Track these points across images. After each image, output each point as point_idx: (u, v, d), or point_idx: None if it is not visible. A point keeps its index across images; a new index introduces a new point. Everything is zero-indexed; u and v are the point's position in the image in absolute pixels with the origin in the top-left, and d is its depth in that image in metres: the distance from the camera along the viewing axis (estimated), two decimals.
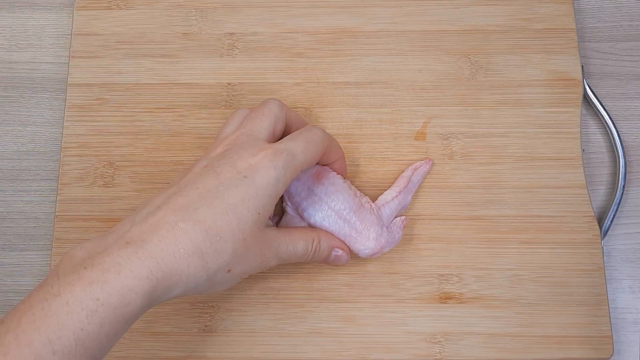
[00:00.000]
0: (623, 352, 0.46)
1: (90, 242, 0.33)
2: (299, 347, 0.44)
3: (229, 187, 0.35)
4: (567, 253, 0.45)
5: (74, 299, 0.30)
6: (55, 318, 0.29)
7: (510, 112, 0.48)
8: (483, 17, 0.50)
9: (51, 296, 0.30)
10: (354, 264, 0.45)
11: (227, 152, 0.37)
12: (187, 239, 0.33)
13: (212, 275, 0.34)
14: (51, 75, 0.52)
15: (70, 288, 0.30)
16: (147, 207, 0.35)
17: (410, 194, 0.46)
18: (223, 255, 0.34)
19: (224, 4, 0.51)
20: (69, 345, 0.29)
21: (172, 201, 0.34)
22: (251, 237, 0.35)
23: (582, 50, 0.52)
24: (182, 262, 0.32)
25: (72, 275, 0.31)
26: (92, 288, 0.30)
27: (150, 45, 0.50)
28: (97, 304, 0.30)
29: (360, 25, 0.50)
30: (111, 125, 0.49)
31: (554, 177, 0.47)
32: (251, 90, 0.49)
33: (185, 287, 0.33)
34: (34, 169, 0.50)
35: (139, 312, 0.32)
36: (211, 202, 0.34)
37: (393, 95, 0.49)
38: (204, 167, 0.37)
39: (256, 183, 0.35)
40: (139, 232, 0.33)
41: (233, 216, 0.34)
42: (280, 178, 0.36)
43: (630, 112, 0.51)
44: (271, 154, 0.36)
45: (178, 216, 0.33)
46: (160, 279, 0.32)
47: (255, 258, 0.37)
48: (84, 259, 0.32)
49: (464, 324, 0.44)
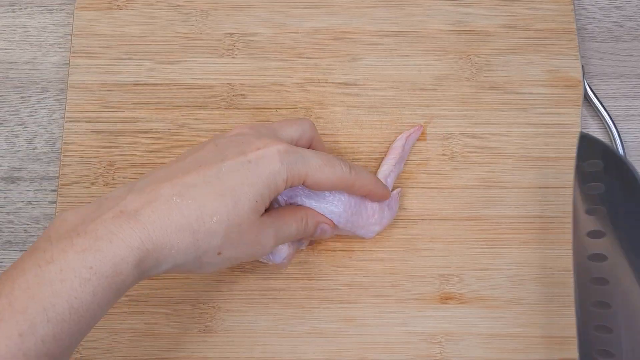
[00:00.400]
0: None
1: (85, 207, 0.33)
2: (299, 348, 0.44)
3: (231, 170, 0.35)
4: (568, 253, 0.45)
5: (68, 267, 0.30)
6: (50, 286, 0.29)
7: (510, 112, 0.48)
8: (483, 17, 0.50)
9: (44, 262, 0.30)
10: (354, 264, 0.45)
11: (241, 137, 0.37)
12: (180, 214, 0.33)
13: (202, 254, 0.34)
14: (51, 75, 0.52)
15: (64, 255, 0.30)
16: (148, 177, 0.35)
17: (402, 163, 0.46)
18: (215, 237, 0.34)
19: (224, 4, 0.51)
20: (62, 313, 0.29)
21: (173, 176, 0.34)
22: (246, 224, 0.35)
23: (583, 50, 0.51)
24: (172, 236, 0.32)
25: (65, 241, 0.30)
26: (85, 256, 0.30)
27: (151, 46, 0.50)
28: (90, 273, 0.30)
29: (360, 26, 0.50)
30: (111, 125, 0.49)
31: (555, 178, 0.47)
32: (251, 91, 0.49)
33: (175, 262, 0.33)
34: (34, 169, 0.50)
35: (130, 283, 0.32)
36: (210, 182, 0.34)
37: (393, 95, 0.49)
38: (214, 147, 0.36)
39: (258, 170, 0.35)
40: (134, 202, 0.33)
41: (230, 199, 0.34)
42: (284, 173, 0.36)
43: (631, 112, 0.50)
44: (283, 149, 0.36)
45: (175, 190, 0.33)
46: (150, 251, 0.32)
47: (248, 245, 0.36)
48: (76, 224, 0.32)
49: (465, 325, 0.44)
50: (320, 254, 0.45)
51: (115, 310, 0.44)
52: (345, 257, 0.45)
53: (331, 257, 0.45)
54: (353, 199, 0.41)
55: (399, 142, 0.46)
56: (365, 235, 0.43)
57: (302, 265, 0.45)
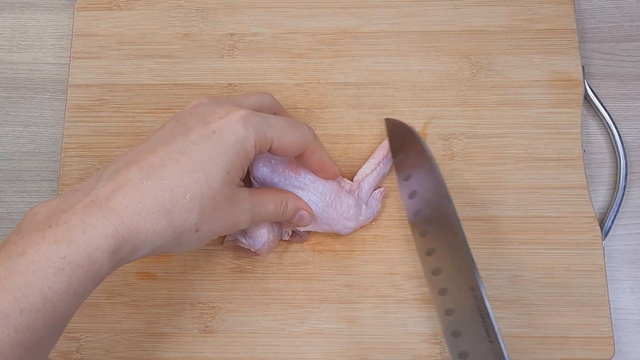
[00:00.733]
0: (624, 353, 0.45)
1: (56, 199, 0.33)
2: (299, 348, 0.44)
3: (196, 143, 0.34)
4: (568, 254, 0.45)
5: (40, 258, 0.29)
6: (21, 277, 0.29)
7: (511, 112, 0.48)
8: (484, 17, 0.50)
9: (16, 255, 0.29)
10: (354, 265, 0.45)
11: (202, 107, 0.37)
12: (151, 196, 0.32)
13: (180, 234, 0.34)
14: (52, 76, 0.52)
15: (36, 247, 0.30)
16: (115, 164, 0.34)
17: (389, 163, 0.46)
18: (191, 214, 0.33)
19: (224, 4, 0.51)
20: (36, 303, 0.29)
21: (139, 158, 0.34)
22: (220, 196, 0.34)
23: (583, 50, 0.51)
24: (146, 220, 0.32)
25: (37, 234, 0.30)
26: (58, 246, 0.30)
27: (151, 46, 0.50)
28: (63, 262, 0.30)
29: (360, 26, 0.50)
30: (112, 125, 0.49)
31: (555, 178, 0.47)
32: (252, 91, 0.49)
33: (152, 245, 0.33)
34: (35, 169, 0.50)
35: (107, 271, 0.32)
36: (178, 159, 0.33)
37: (394, 95, 0.49)
38: (175, 123, 0.36)
39: (224, 140, 0.34)
40: (104, 190, 0.32)
41: (201, 173, 0.33)
42: (250, 138, 0.35)
43: (631, 112, 0.50)
44: (245, 114, 0.36)
45: (143, 173, 0.33)
46: (125, 237, 0.31)
47: (225, 218, 0.36)
48: (48, 216, 0.31)
49: None
50: (320, 254, 0.45)
51: (116, 311, 0.44)
52: (346, 257, 0.45)
53: (331, 258, 0.45)
54: (329, 190, 0.42)
55: (385, 142, 0.46)
56: (341, 230, 0.44)
57: (303, 265, 0.45)
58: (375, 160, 0.46)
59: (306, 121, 0.48)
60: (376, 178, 0.45)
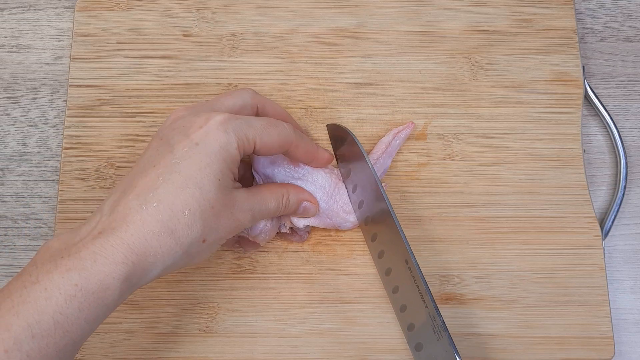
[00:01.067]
0: (624, 353, 0.45)
1: (66, 234, 0.34)
2: (299, 348, 0.44)
3: (183, 158, 0.35)
4: (568, 254, 0.45)
5: (53, 285, 0.31)
6: (34, 303, 0.30)
7: (511, 112, 0.48)
8: (484, 17, 0.50)
9: (29, 284, 0.31)
10: (354, 265, 0.45)
11: (181, 120, 0.37)
12: (153, 220, 0.33)
13: (188, 248, 0.35)
14: (52, 76, 0.52)
15: (49, 275, 0.31)
16: (114, 194, 0.35)
17: (390, 158, 0.46)
18: (194, 227, 0.34)
19: (224, 4, 0.51)
20: (47, 329, 0.30)
21: (134, 184, 0.35)
22: (219, 204, 0.35)
23: (583, 50, 0.51)
24: (153, 242, 0.33)
25: (50, 264, 0.32)
26: (70, 274, 0.31)
27: (151, 46, 0.50)
28: (75, 289, 0.31)
29: (360, 26, 0.50)
30: (112, 126, 0.49)
31: (555, 178, 0.47)
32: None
33: (164, 265, 0.34)
34: (35, 169, 0.50)
35: (119, 297, 0.33)
36: (169, 178, 0.34)
37: (394, 96, 0.49)
38: (159, 141, 0.36)
39: (208, 149, 0.35)
40: (109, 221, 0.33)
41: (194, 187, 0.34)
42: (232, 143, 0.36)
43: (632, 112, 0.50)
44: (223, 118, 0.36)
45: (141, 199, 0.34)
46: (135, 263, 0.33)
47: (228, 222, 0.37)
48: (60, 249, 0.33)
49: (465, 325, 0.44)
50: (320, 254, 0.45)
51: (116, 311, 0.44)
52: (346, 257, 0.45)
53: (331, 258, 0.45)
54: (327, 182, 0.43)
55: (386, 137, 0.46)
56: (342, 225, 0.44)
57: (303, 265, 0.45)
58: (374, 156, 0.46)
59: (306, 121, 0.48)
60: (378, 173, 0.45)
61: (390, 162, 0.46)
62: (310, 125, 0.48)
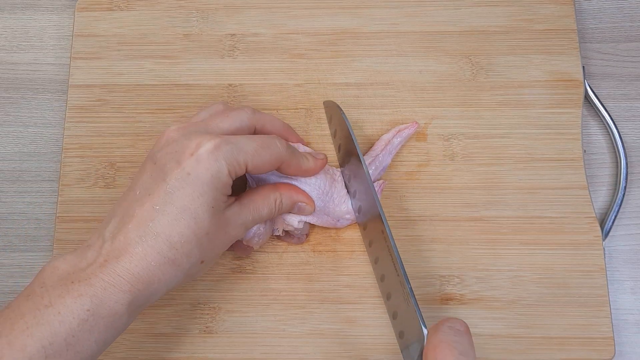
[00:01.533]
0: (625, 353, 0.45)
1: (70, 255, 0.35)
2: (299, 348, 0.44)
3: (176, 189, 0.35)
4: (569, 254, 0.45)
5: (66, 309, 0.33)
6: (48, 326, 0.32)
7: (511, 113, 0.48)
8: (484, 18, 0.50)
9: (42, 306, 0.33)
10: (354, 265, 0.45)
11: (173, 144, 0.37)
12: (154, 252, 0.35)
13: (187, 271, 0.36)
14: (52, 76, 0.52)
15: (61, 300, 0.33)
16: (114, 218, 0.36)
17: (390, 156, 0.46)
18: (192, 254, 0.36)
19: (224, 5, 0.51)
20: (60, 350, 0.32)
21: (132, 212, 0.35)
22: (213, 228, 0.36)
23: (583, 51, 0.51)
24: (156, 271, 0.35)
25: (61, 288, 0.33)
26: (82, 300, 0.33)
27: (151, 47, 0.50)
28: (87, 314, 0.33)
29: (361, 27, 0.50)
30: (112, 126, 0.49)
31: (555, 178, 0.47)
32: (252, 92, 0.49)
33: (167, 288, 0.36)
34: (35, 170, 0.50)
35: (127, 320, 0.35)
36: (164, 210, 0.35)
37: (394, 96, 0.49)
38: (153, 165, 0.37)
39: (200, 179, 0.35)
40: (112, 249, 0.35)
41: (189, 218, 0.35)
42: (223, 170, 0.36)
43: (632, 112, 0.50)
44: (214, 145, 0.36)
45: (140, 231, 0.35)
46: (141, 290, 0.34)
47: (223, 241, 0.38)
48: (68, 272, 0.34)
49: None
50: (320, 254, 0.45)
51: None
52: (346, 257, 0.45)
53: (332, 258, 0.45)
54: (322, 181, 0.43)
55: (388, 134, 0.46)
56: (340, 221, 0.44)
57: (303, 266, 0.45)
58: (373, 152, 0.46)
59: (306, 122, 0.48)
60: (375, 170, 0.45)
61: (390, 160, 0.46)
62: (310, 126, 0.48)
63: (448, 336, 0.34)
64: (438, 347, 0.34)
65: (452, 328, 0.35)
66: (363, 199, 0.43)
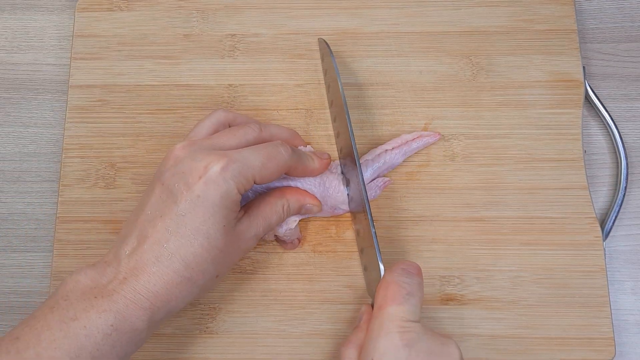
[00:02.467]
0: (625, 354, 0.45)
1: (91, 270, 0.36)
2: (300, 349, 0.44)
3: (187, 211, 0.36)
4: (569, 254, 0.45)
5: (91, 324, 0.34)
6: (75, 339, 0.33)
7: (511, 113, 0.48)
8: (484, 18, 0.50)
9: (68, 319, 0.34)
10: (355, 266, 0.45)
11: (181, 165, 0.37)
12: (170, 271, 0.36)
13: (203, 286, 0.37)
14: (52, 76, 0.52)
15: (87, 314, 0.34)
16: (128, 237, 0.37)
17: (403, 157, 0.46)
18: (208, 271, 0.37)
19: (225, 5, 0.51)
20: None
21: (146, 233, 0.36)
22: (226, 246, 0.37)
23: (584, 51, 0.51)
24: (174, 289, 0.36)
25: (85, 302, 0.34)
26: (107, 315, 0.34)
27: (152, 47, 0.50)
28: (111, 329, 0.34)
29: (361, 27, 0.50)
30: (112, 126, 0.49)
31: (556, 179, 0.47)
32: (252, 92, 0.49)
33: (184, 304, 0.37)
34: (35, 170, 0.50)
35: (146, 335, 0.36)
36: (177, 232, 0.36)
37: (394, 96, 0.49)
38: (162, 187, 0.37)
39: (210, 200, 0.36)
40: (130, 268, 0.36)
41: (202, 238, 0.36)
42: (232, 190, 0.37)
43: (632, 113, 0.50)
44: (222, 166, 0.37)
45: (155, 252, 0.36)
46: (160, 307, 0.36)
47: (236, 254, 0.39)
48: (90, 287, 0.35)
49: (465, 326, 0.44)
50: (321, 255, 0.45)
51: None
52: (346, 258, 0.45)
53: (332, 259, 0.45)
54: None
55: (408, 135, 0.46)
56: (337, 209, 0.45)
57: (303, 266, 0.45)
58: (388, 146, 0.46)
59: (306, 122, 0.48)
60: (382, 165, 0.45)
61: (402, 160, 0.46)
62: (310, 126, 0.48)
63: (399, 277, 0.37)
64: (389, 286, 0.37)
65: (405, 270, 0.37)
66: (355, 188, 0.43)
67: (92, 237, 0.46)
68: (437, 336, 0.36)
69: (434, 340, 0.35)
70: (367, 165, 0.45)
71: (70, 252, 0.46)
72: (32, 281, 0.47)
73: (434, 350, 0.35)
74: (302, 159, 0.41)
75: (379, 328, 0.35)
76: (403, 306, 0.36)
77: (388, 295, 0.36)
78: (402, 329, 0.35)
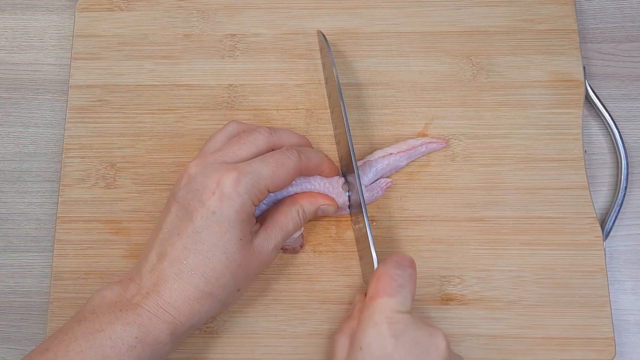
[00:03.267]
0: (625, 354, 0.45)
1: (116, 285, 0.38)
2: (300, 349, 0.44)
3: (203, 228, 0.37)
4: (569, 254, 0.45)
5: (116, 335, 0.35)
6: (101, 350, 0.34)
7: (511, 113, 0.48)
8: (484, 18, 0.50)
9: (95, 331, 0.35)
10: (355, 266, 0.45)
11: (194, 182, 0.38)
12: (191, 287, 0.36)
13: (225, 300, 0.38)
14: (53, 76, 0.52)
15: (111, 326, 0.35)
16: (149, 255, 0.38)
17: (406, 160, 0.46)
18: (228, 285, 0.37)
19: (225, 5, 0.51)
20: None
21: (165, 251, 0.37)
22: (245, 260, 0.38)
23: (584, 51, 0.51)
24: (195, 305, 0.37)
25: (111, 315, 0.36)
26: (131, 328, 0.35)
27: (152, 47, 0.50)
28: (135, 341, 0.35)
29: (361, 27, 0.50)
30: (112, 126, 0.49)
31: (556, 179, 0.47)
32: (252, 92, 0.49)
33: (206, 318, 0.38)
34: (36, 170, 0.50)
35: (169, 348, 0.37)
36: (195, 249, 0.37)
37: (394, 96, 0.49)
38: (177, 205, 0.38)
39: (225, 216, 0.37)
40: (152, 284, 0.37)
41: (220, 253, 0.37)
42: (246, 201, 0.37)
43: (632, 113, 0.50)
44: (234, 180, 0.37)
45: (175, 268, 0.37)
46: (183, 322, 0.36)
47: (255, 267, 0.39)
48: (115, 301, 0.37)
49: (466, 326, 0.44)
50: (321, 255, 0.45)
51: None
52: (347, 258, 0.45)
53: (332, 259, 0.45)
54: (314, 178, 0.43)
55: (415, 140, 0.46)
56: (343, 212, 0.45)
57: (304, 266, 0.45)
58: (392, 149, 0.46)
59: (307, 122, 0.48)
60: (386, 167, 0.45)
61: (405, 163, 0.46)
62: (310, 126, 0.48)
63: (391, 269, 0.37)
64: (381, 278, 0.37)
65: (398, 262, 0.38)
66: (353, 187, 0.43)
67: (92, 237, 0.46)
68: (425, 327, 0.36)
69: (422, 331, 0.36)
70: (371, 166, 0.45)
71: (70, 252, 0.46)
72: (32, 281, 0.47)
73: (420, 340, 0.35)
74: (311, 159, 0.41)
75: (368, 318, 0.36)
76: (394, 298, 0.36)
77: (379, 287, 0.37)
78: (390, 320, 0.35)
